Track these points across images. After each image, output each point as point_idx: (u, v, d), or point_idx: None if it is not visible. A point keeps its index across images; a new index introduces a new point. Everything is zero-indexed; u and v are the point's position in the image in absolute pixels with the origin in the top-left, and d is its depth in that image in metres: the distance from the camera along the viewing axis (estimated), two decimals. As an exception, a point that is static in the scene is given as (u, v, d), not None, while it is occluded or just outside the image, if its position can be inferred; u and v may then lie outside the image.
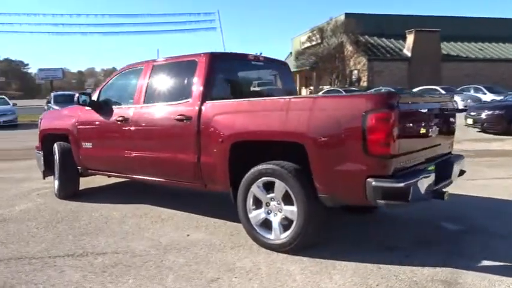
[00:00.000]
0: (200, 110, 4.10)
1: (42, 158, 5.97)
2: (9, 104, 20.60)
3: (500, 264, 3.36)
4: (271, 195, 3.65)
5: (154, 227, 4.39)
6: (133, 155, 4.72)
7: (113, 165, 5.13)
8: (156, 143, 4.55)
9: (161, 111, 4.49)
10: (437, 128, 3.75)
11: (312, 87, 37.92)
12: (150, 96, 4.69)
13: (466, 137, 11.88)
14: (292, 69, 40.49)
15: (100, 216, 4.80)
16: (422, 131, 3.53)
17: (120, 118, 4.82)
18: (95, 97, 5.27)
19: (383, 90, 24.50)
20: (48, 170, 5.96)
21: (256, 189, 3.71)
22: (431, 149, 3.74)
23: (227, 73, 4.53)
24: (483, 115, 12.68)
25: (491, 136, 12.14)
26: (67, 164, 5.54)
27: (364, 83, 32.94)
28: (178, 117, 4.23)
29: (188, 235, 4.13)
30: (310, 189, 3.40)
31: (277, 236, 3.63)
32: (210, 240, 3.95)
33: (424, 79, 29.42)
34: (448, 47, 35.82)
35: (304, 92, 40.13)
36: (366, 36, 34.96)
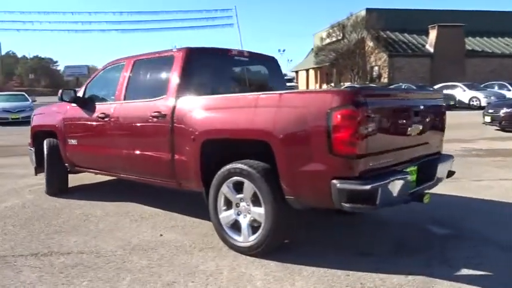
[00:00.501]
0: (174, 107, 3.97)
1: (33, 154, 5.97)
2: (28, 101, 21.05)
3: (483, 273, 3.11)
4: (241, 195, 3.49)
5: (131, 226, 4.29)
6: (114, 152, 4.64)
7: (96, 163, 5.07)
8: (133, 141, 4.44)
9: (139, 108, 4.38)
10: (420, 126, 3.51)
11: (332, 84, 37.42)
12: (130, 93, 4.59)
13: (483, 136, 11.41)
14: (313, 65, 40.19)
15: (81, 214, 4.74)
16: (399, 129, 3.30)
17: (102, 115, 4.74)
18: (81, 93, 5.22)
19: (403, 87, 24.00)
20: (40, 167, 5.95)
21: (226, 189, 3.56)
22: (413, 148, 3.50)
23: (206, 69, 4.37)
24: (501, 113, 12.13)
25: (510, 135, 11.60)
26: (54, 160, 5.50)
27: (385, 80, 32.28)
28: (154, 113, 4.11)
29: (161, 235, 4.01)
30: (277, 190, 3.23)
31: (245, 238, 3.46)
32: (181, 241, 3.82)
33: (447, 75, 28.59)
34: (473, 42, 34.70)
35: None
36: (388, 32, 34.22)
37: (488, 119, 12.53)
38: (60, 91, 5.09)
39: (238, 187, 3.50)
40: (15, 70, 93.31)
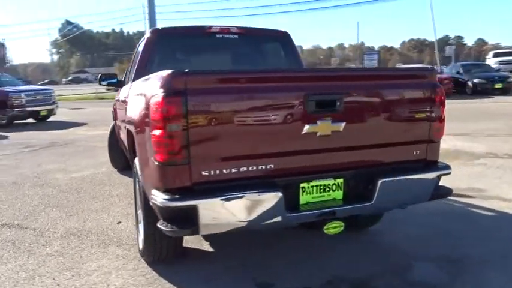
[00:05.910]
0: (129, 91, 3.81)
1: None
2: None
3: None
4: (143, 192, 3.12)
5: (114, 209, 4.36)
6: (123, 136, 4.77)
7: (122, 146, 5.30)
8: (123, 125, 4.46)
9: (126, 92, 4.35)
10: (341, 124, 2.38)
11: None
12: (135, 75, 4.59)
13: None
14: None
15: (99, 191, 5.04)
16: (276, 126, 2.31)
17: (123, 97, 4.89)
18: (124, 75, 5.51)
19: None
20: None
21: (137, 185, 3.24)
22: (327, 154, 2.44)
23: (175, 51, 4.00)
24: None
25: None
26: (113, 140, 6.00)
27: None
28: (125, 99, 4.03)
29: (119, 222, 3.96)
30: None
31: (141, 240, 3.10)
32: (120, 232, 3.70)
33: None
34: None
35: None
36: None
37: None
38: (99, 75, 5.45)
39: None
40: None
